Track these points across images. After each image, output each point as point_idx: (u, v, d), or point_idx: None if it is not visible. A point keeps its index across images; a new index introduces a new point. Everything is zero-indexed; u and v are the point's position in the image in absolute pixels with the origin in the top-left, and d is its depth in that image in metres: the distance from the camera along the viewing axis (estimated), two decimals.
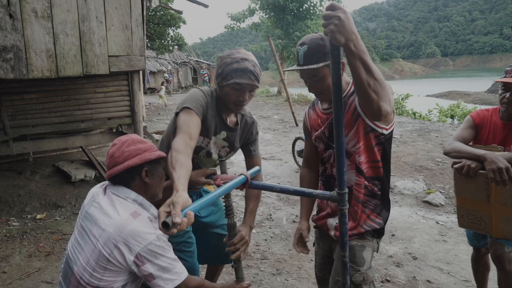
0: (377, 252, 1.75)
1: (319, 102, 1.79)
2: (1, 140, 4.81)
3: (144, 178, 1.56)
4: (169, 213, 1.05)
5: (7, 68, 3.30)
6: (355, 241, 1.66)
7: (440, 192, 5.04)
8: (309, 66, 1.53)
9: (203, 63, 29.83)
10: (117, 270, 1.43)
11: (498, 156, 1.79)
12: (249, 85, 1.72)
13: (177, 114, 1.72)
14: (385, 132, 1.58)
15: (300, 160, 6.50)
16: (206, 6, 7.33)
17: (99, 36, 3.69)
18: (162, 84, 18.68)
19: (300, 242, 1.85)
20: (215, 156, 1.94)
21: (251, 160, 2.05)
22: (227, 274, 3.01)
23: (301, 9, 21.87)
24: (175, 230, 1.02)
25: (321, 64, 1.53)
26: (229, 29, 24.49)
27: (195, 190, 2.13)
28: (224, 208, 1.91)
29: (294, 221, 4.21)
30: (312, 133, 1.80)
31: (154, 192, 1.63)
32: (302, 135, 6.42)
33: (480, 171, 1.85)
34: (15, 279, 2.91)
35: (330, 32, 1.08)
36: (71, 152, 6.25)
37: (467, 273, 3.07)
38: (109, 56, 3.80)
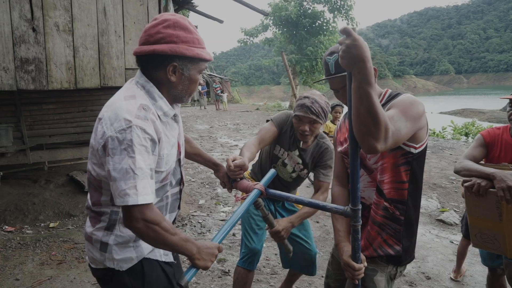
0: (394, 279, 1.61)
1: None
2: (19, 149, 4.95)
3: (169, 75, 1.26)
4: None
5: (28, 79, 3.41)
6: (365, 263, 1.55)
7: (454, 210, 4.96)
8: (342, 74, 1.51)
9: (216, 77, 30.19)
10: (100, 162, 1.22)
11: (507, 175, 1.77)
12: (304, 117, 2.10)
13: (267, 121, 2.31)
14: (413, 150, 1.45)
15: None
16: (221, 21, 7.48)
17: (117, 49, 3.80)
18: (223, 92, 23.08)
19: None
20: (289, 168, 2.33)
21: (317, 182, 2.25)
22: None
23: (314, 25, 22.14)
24: None
25: None
26: (242, 44, 24.87)
27: (279, 200, 2.49)
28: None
29: None
30: (338, 147, 1.75)
31: (177, 94, 1.33)
32: None
33: (491, 189, 1.83)
34: (27, 287, 2.95)
35: (339, 56, 1.15)
36: (85, 162, 6.35)
37: None
38: (126, 69, 3.90)
